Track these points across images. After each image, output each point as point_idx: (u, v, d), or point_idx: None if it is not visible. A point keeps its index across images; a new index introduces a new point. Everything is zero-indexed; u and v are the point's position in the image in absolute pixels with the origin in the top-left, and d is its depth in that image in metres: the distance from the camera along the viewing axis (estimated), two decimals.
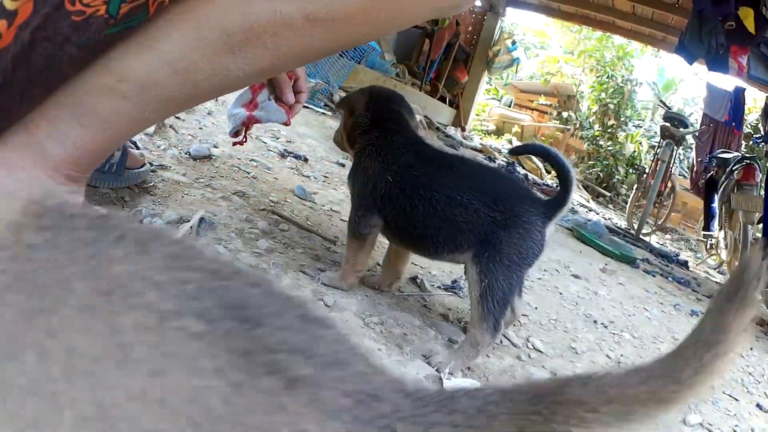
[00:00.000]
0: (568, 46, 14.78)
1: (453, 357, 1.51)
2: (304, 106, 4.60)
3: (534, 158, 9.99)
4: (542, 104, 13.97)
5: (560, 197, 1.53)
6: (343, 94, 5.95)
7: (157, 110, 0.99)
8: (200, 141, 2.70)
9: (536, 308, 2.31)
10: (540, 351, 1.87)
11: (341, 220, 2.48)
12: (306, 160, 3.30)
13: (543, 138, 12.92)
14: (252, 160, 2.80)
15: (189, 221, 1.71)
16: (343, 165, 3.56)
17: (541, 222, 1.51)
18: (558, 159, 1.52)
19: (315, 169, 3.25)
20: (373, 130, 1.70)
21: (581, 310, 2.53)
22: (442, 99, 10.92)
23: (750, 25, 5.59)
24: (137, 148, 1.98)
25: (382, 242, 1.91)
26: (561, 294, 2.68)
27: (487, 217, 1.49)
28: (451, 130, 9.34)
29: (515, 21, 16.68)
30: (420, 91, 9.56)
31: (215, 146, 2.72)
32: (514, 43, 11.49)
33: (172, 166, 2.19)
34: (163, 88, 0.94)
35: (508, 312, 1.65)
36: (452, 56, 10.97)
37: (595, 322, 2.43)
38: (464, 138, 9.22)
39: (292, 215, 2.22)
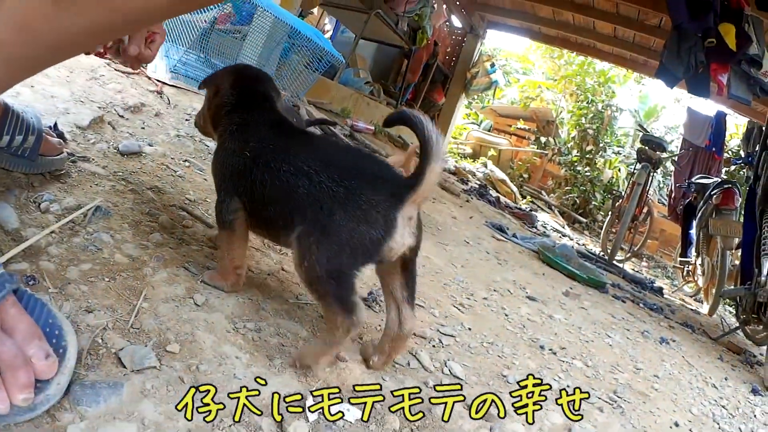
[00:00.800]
0: (550, 73, 14.72)
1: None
2: None
3: (509, 182, 9.76)
4: (521, 129, 13.80)
5: (416, 174, 1.24)
6: (311, 109, 5.67)
7: (7, 69, 1.00)
8: (136, 138, 2.45)
9: (469, 329, 1.96)
10: (457, 377, 1.52)
11: None
12: None
13: (520, 162, 12.75)
14: (186, 161, 2.51)
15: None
16: None
17: (388, 203, 1.24)
18: (420, 127, 1.21)
19: None
20: (238, 110, 1.57)
21: (528, 334, 2.19)
22: None
23: (731, 42, 5.35)
24: (62, 137, 1.89)
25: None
26: (507, 316, 2.34)
27: (330, 191, 1.26)
28: None
29: (498, 46, 16.72)
30: (395, 110, 9.27)
31: (150, 144, 2.46)
32: (493, 65, 11.36)
33: (96, 159, 2.00)
34: (10, 46, 0.95)
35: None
36: (430, 77, 10.78)
37: (541, 347, 2.08)
38: None
39: (204, 214, 1.96)
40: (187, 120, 3.18)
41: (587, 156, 12.44)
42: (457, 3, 10.47)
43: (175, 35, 4.23)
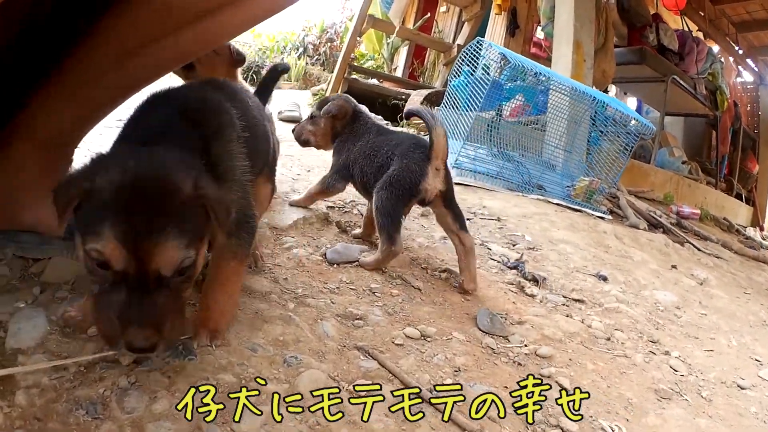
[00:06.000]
0: None
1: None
2: (573, 209, 3.94)
3: None
4: None
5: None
6: (631, 198, 5.34)
7: None
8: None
9: None
10: None
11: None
12: (544, 279, 2.33)
13: None
14: (445, 270, 2.15)
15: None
16: (604, 280, 2.65)
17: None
18: (426, 116, 2.01)
19: (555, 287, 2.30)
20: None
21: None
22: (738, 196, 10.02)
23: None
24: None
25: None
26: None
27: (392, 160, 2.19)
28: (750, 231, 8.23)
29: None
30: (716, 188, 8.96)
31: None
32: None
33: (272, 271, 1.79)
34: None
35: None
36: (739, 145, 10.20)
37: None
38: (764, 239, 7.98)
39: (397, 364, 1.46)
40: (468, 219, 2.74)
41: None
42: (740, 52, 10.19)
43: (453, 131, 4.28)
